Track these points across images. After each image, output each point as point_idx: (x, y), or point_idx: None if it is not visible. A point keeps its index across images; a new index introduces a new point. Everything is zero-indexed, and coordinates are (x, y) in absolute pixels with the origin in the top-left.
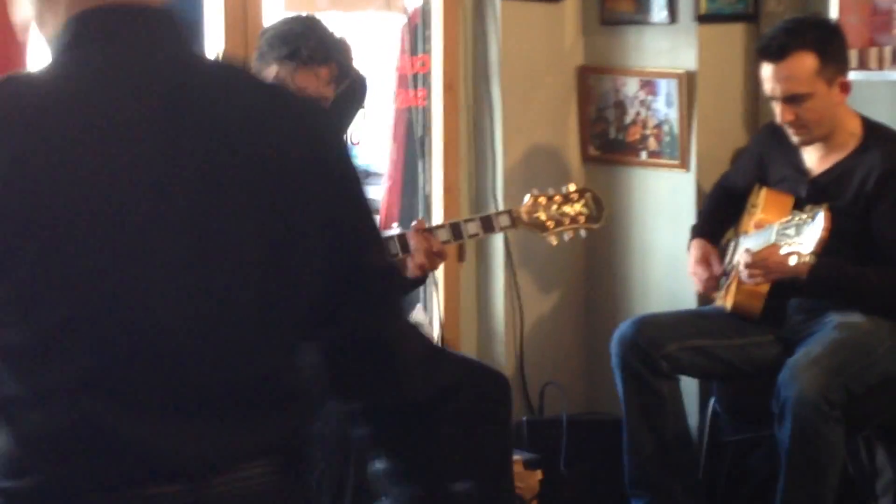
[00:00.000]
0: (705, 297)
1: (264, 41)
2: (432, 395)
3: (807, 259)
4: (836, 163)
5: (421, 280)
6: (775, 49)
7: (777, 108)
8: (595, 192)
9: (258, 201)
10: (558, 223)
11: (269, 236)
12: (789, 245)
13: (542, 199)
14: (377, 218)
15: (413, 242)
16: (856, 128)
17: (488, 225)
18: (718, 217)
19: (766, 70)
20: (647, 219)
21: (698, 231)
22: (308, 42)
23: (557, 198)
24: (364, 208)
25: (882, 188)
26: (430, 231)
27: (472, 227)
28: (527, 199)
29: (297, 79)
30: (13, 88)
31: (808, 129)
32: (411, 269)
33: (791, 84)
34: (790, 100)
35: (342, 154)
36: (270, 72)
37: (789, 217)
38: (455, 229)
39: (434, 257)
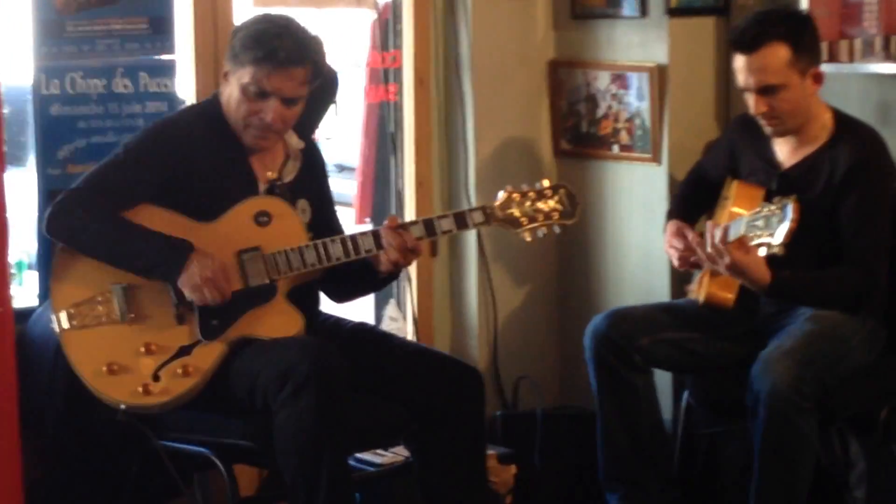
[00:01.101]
0: (678, 290)
1: (237, 41)
2: None
3: (776, 251)
4: (806, 155)
5: (394, 276)
6: (748, 40)
7: (750, 100)
8: (569, 188)
9: None
10: (532, 219)
11: None
12: (759, 237)
13: (516, 196)
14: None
15: (386, 239)
16: (828, 120)
17: (462, 221)
18: (692, 201)
19: (739, 61)
20: (619, 212)
21: (672, 214)
22: (283, 43)
23: (531, 194)
24: None
25: (849, 182)
26: (404, 227)
27: (446, 224)
28: (500, 195)
29: (273, 80)
30: None
31: (782, 120)
32: (384, 265)
33: (764, 75)
34: (764, 91)
35: None
36: (245, 73)
37: (758, 209)
38: (428, 226)
39: (408, 253)
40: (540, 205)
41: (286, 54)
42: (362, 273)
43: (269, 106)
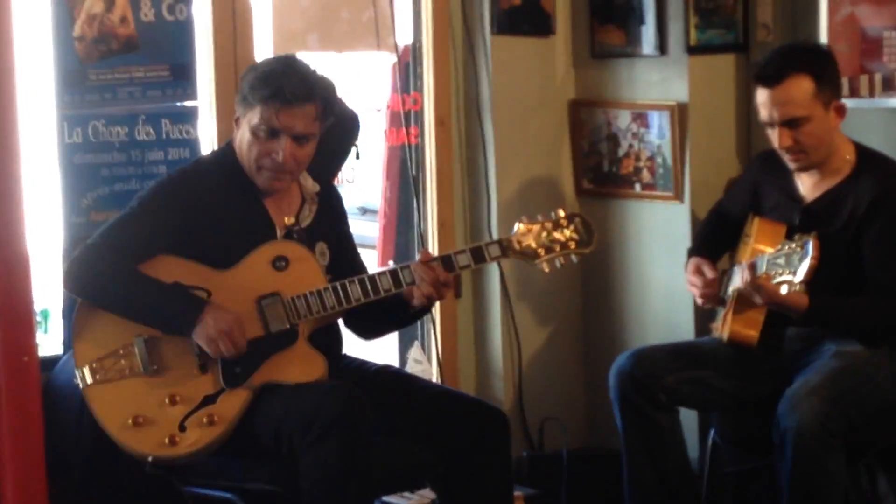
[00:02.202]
0: (703, 328)
1: (246, 84)
2: None
3: (797, 288)
4: (828, 189)
5: (426, 310)
6: (771, 74)
7: (774, 135)
8: (584, 217)
9: None
10: (549, 250)
11: None
12: (780, 275)
13: (532, 227)
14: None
15: (418, 273)
16: (850, 154)
17: (479, 255)
18: (713, 239)
19: (763, 95)
20: (642, 251)
21: (693, 252)
22: (290, 81)
23: (547, 224)
24: None
25: (873, 214)
26: (434, 261)
27: (463, 259)
28: (517, 227)
29: (281, 118)
30: None
31: (806, 153)
32: (417, 299)
33: (789, 108)
34: (788, 124)
35: None
36: (254, 114)
37: (779, 247)
38: (446, 261)
39: (441, 287)
40: (556, 234)
41: (293, 91)
42: (393, 309)
43: (280, 145)
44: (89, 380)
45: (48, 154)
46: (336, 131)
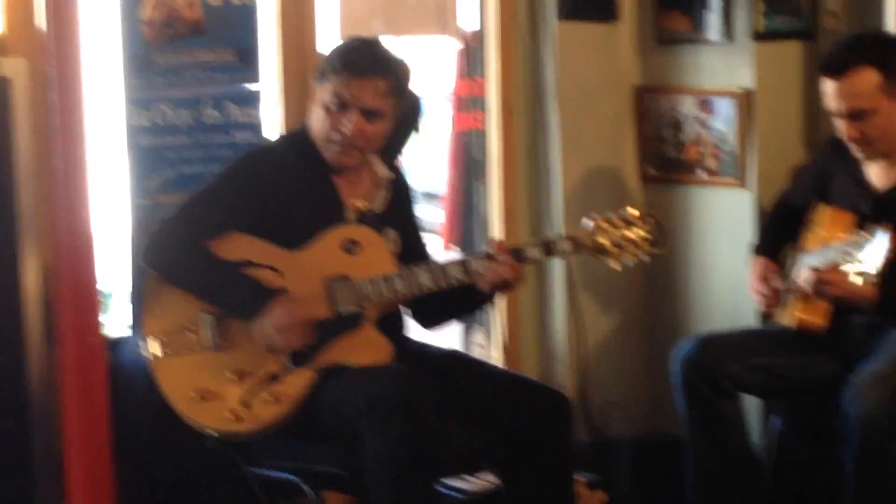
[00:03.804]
0: (766, 315)
1: (324, 61)
2: None
3: (873, 279)
4: None
5: (492, 299)
6: (836, 65)
7: (840, 125)
8: (659, 218)
9: None
10: (621, 248)
11: None
12: (852, 265)
13: (604, 224)
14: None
15: (491, 267)
16: None
17: (549, 250)
18: (779, 235)
19: (828, 86)
20: (706, 237)
21: (759, 249)
22: (364, 54)
23: (620, 222)
24: None
25: None
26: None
27: (535, 253)
28: (588, 223)
29: (352, 88)
30: None
31: (872, 144)
32: (490, 283)
33: (853, 100)
34: (853, 116)
35: None
36: (326, 88)
37: (852, 236)
38: (517, 255)
39: (513, 281)
40: (628, 233)
41: (366, 63)
42: (459, 297)
43: (348, 118)
44: (158, 352)
45: (116, 137)
46: (399, 114)
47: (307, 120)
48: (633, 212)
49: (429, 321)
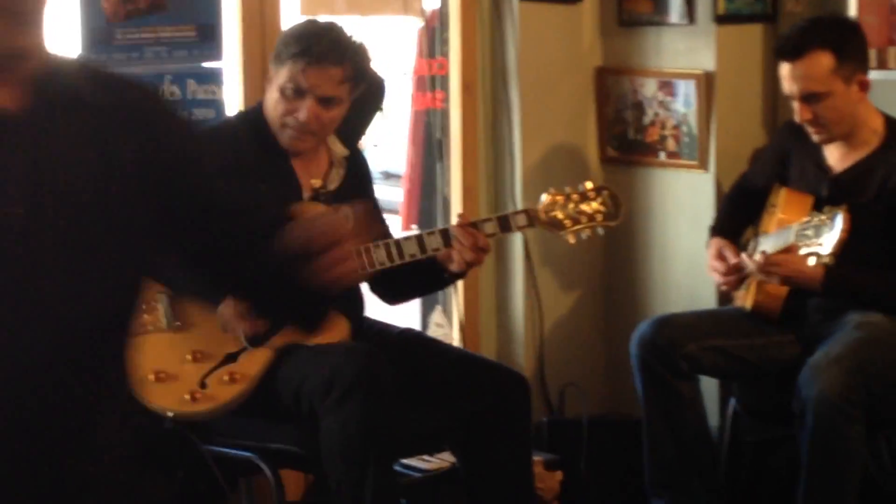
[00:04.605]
0: (725, 297)
1: (280, 42)
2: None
3: (826, 260)
4: (858, 160)
5: (462, 275)
6: (791, 48)
7: (796, 107)
8: (612, 190)
9: None
10: (576, 221)
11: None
12: (808, 246)
13: (560, 198)
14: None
15: (459, 237)
16: (878, 125)
17: (505, 224)
18: (736, 217)
19: (784, 69)
20: (666, 219)
21: (716, 231)
22: (320, 41)
23: (575, 196)
24: None
25: None
26: (473, 225)
27: (490, 227)
28: (544, 197)
29: (308, 76)
30: None
31: (827, 127)
32: (457, 264)
33: (807, 83)
34: (807, 98)
35: None
36: (283, 72)
37: (808, 218)
38: (473, 228)
39: (479, 252)
40: (583, 207)
41: (322, 50)
42: (425, 273)
43: (304, 105)
44: None
45: None
46: (362, 95)
47: (263, 100)
48: (588, 185)
49: (392, 297)
